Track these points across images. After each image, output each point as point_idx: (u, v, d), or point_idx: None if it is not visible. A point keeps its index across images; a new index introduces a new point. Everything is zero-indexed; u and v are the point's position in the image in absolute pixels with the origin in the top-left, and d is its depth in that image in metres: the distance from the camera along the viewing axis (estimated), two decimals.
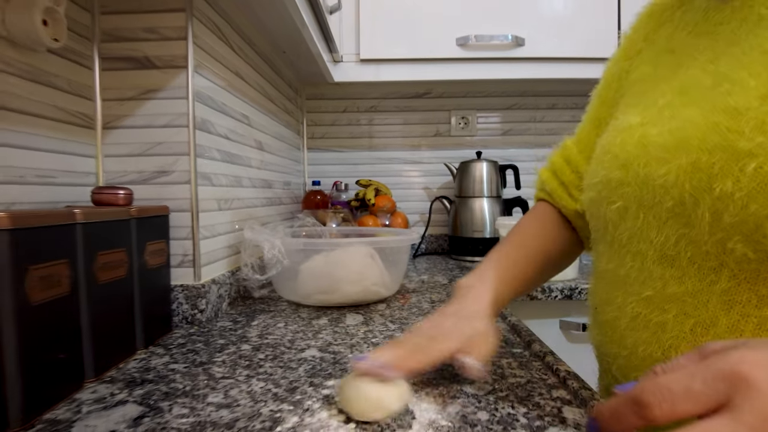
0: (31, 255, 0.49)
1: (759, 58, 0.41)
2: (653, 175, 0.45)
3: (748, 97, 0.40)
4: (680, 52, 0.52)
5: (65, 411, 0.51)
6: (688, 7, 0.55)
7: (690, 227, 0.43)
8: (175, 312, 0.81)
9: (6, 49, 0.62)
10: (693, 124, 0.43)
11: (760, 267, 0.39)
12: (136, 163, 0.82)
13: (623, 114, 0.55)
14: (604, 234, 0.54)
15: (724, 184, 0.39)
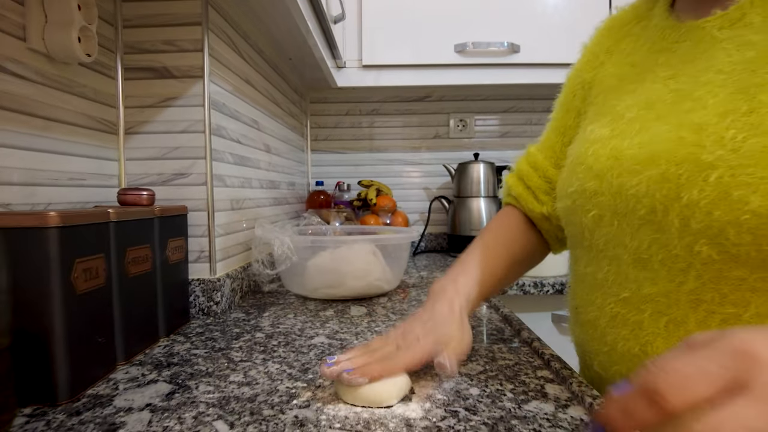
0: (76, 249, 0.55)
1: (715, 79, 0.47)
2: (626, 185, 0.50)
3: (708, 114, 0.45)
4: (641, 67, 0.57)
5: (104, 388, 0.57)
6: (646, 23, 0.61)
7: (661, 232, 0.47)
8: (192, 304, 0.88)
9: (44, 64, 0.69)
10: (661, 138, 0.48)
11: (723, 267, 0.43)
12: (156, 166, 0.88)
13: (592, 124, 0.59)
14: (581, 240, 0.58)
15: (691, 193, 0.43)
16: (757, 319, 0.42)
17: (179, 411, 0.51)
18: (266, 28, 1.16)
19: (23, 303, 0.51)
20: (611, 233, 0.53)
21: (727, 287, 0.43)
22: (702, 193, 0.43)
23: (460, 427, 0.46)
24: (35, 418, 0.50)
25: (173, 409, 0.51)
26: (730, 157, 0.41)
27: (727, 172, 0.41)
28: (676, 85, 0.50)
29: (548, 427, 0.46)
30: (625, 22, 0.65)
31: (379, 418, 0.48)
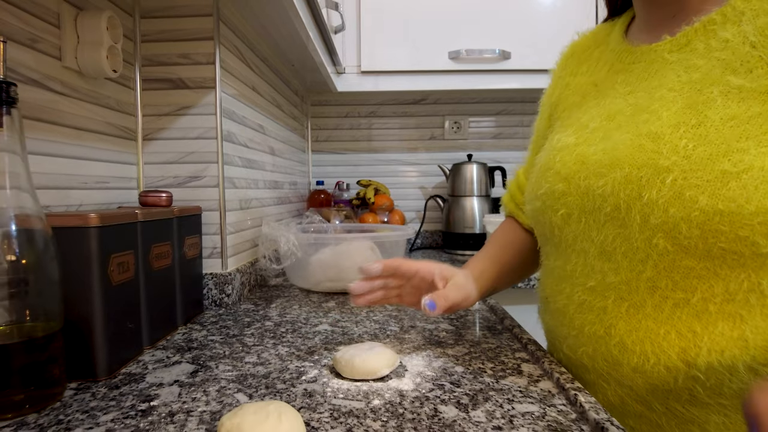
0: (111, 245, 0.63)
1: (667, 95, 0.55)
2: (593, 186, 0.57)
3: (663, 125, 0.52)
4: (602, 85, 0.65)
5: (136, 367, 0.65)
6: (604, 48, 0.69)
7: (623, 227, 0.53)
8: (206, 296, 0.96)
9: (76, 79, 0.76)
10: (623, 145, 0.55)
11: (675, 258, 0.50)
12: (172, 170, 0.96)
13: (557, 134, 0.67)
14: (551, 237, 0.66)
15: (650, 192, 0.50)
16: (702, 303, 0.49)
17: (204, 386, 0.59)
18: (271, 38, 1.24)
19: (69, 293, 0.59)
20: (579, 229, 0.60)
21: (678, 275, 0.50)
22: (659, 193, 0.49)
23: (445, 397, 0.54)
24: (81, 391, 0.58)
25: (198, 384, 0.59)
26: (683, 163, 0.48)
27: (681, 176, 0.48)
28: (634, 100, 0.58)
29: (520, 397, 0.55)
30: (586, 47, 0.73)
31: (376, 390, 0.56)
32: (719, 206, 0.46)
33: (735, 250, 0.46)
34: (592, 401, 0.51)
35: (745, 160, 0.45)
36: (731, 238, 0.46)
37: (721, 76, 0.50)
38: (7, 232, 0.52)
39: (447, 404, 0.53)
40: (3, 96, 0.52)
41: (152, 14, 0.94)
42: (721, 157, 0.46)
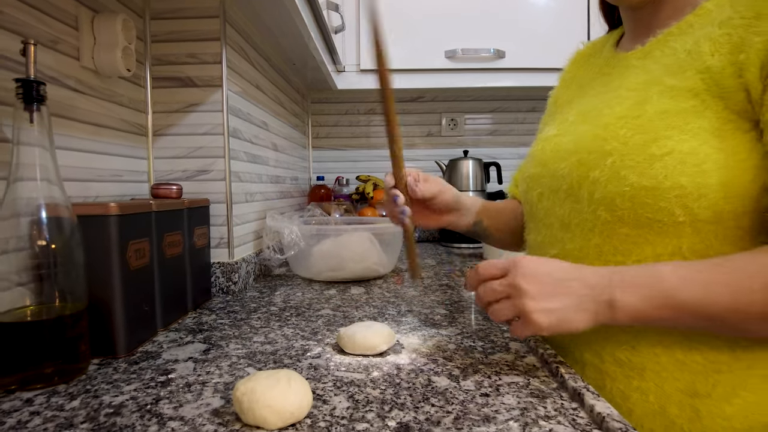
0: (129, 233, 0.68)
1: (623, 93, 0.64)
2: (558, 168, 0.67)
3: (612, 117, 0.61)
4: (588, 86, 0.75)
5: (152, 346, 0.70)
6: (598, 55, 0.78)
7: (577, 202, 0.63)
8: (213, 284, 1.01)
9: (93, 78, 0.81)
10: (583, 135, 0.65)
11: (614, 227, 0.59)
12: (181, 164, 1.01)
13: (547, 127, 0.77)
14: (531, 213, 0.75)
15: (594, 173, 0.60)
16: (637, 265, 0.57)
17: (216, 362, 0.64)
18: (274, 38, 1.28)
19: (92, 276, 0.63)
20: (548, 206, 0.70)
21: (617, 241, 0.59)
22: (602, 172, 0.59)
23: (439, 369, 0.59)
24: (103, 366, 0.63)
25: (211, 360, 0.65)
26: (621, 148, 0.58)
27: (618, 159, 0.57)
28: (603, 98, 0.67)
29: (507, 370, 0.60)
30: (586, 55, 0.83)
31: (375, 364, 0.61)
32: (644, 183, 0.55)
33: (659, 219, 0.55)
34: (572, 372, 0.56)
35: (669, 145, 0.54)
36: (655, 209, 0.55)
37: (662, 77, 0.59)
38: (38, 220, 0.57)
39: (440, 375, 0.58)
40: (33, 94, 0.57)
41: (162, 16, 0.99)
42: (651, 143, 0.55)
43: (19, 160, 0.56)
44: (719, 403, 0.54)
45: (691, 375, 0.56)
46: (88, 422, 0.47)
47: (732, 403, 0.54)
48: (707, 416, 0.54)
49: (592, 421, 0.47)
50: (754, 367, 0.54)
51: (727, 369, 0.54)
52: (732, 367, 0.54)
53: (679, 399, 0.56)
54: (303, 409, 0.47)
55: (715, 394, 0.55)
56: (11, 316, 0.56)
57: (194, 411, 0.50)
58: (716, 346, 0.55)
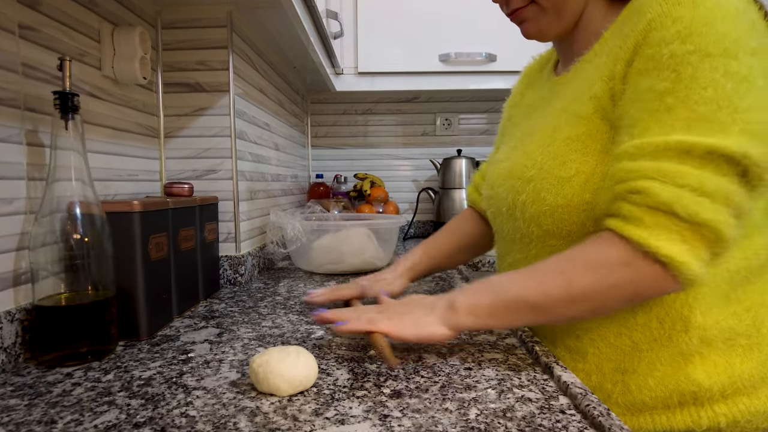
0: (150, 228, 0.76)
1: (542, 121, 0.71)
2: (499, 192, 0.75)
3: (533, 145, 0.69)
4: (531, 107, 0.81)
5: (169, 331, 0.78)
6: (542, 73, 0.84)
7: (515, 221, 0.71)
8: (221, 276, 1.08)
9: (112, 86, 0.88)
10: (516, 161, 0.72)
11: (545, 239, 0.67)
12: (191, 164, 1.08)
13: (499, 149, 0.84)
14: (493, 228, 0.83)
15: (522, 196, 0.68)
16: None
17: (230, 343, 0.71)
18: (276, 44, 1.36)
19: (118, 266, 0.71)
20: (499, 223, 0.78)
21: (549, 250, 0.66)
22: (527, 196, 0.67)
23: (429, 348, 0.67)
24: (129, 347, 0.70)
25: (225, 342, 0.72)
26: (539, 174, 0.66)
27: (539, 183, 0.65)
28: (535, 124, 0.74)
29: (489, 348, 0.67)
30: (534, 70, 0.89)
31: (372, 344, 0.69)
32: (559, 202, 0.63)
33: (575, 230, 0.63)
34: (546, 350, 0.64)
35: (573, 167, 0.61)
36: (570, 222, 0.63)
37: (569, 105, 0.66)
38: (73, 216, 0.64)
39: (429, 353, 0.65)
40: (69, 104, 0.64)
41: (173, 25, 1.06)
42: (560, 167, 0.63)
43: (56, 163, 0.64)
44: (644, 378, 0.63)
45: (622, 355, 0.64)
46: (124, 391, 0.55)
47: (653, 376, 0.62)
48: (635, 389, 0.63)
49: (558, 389, 0.55)
50: (668, 346, 0.62)
51: (648, 348, 0.63)
52: (652, 347, 0.62)
53: (613, 376, 0.65)
54: (310, 378, 0.54)
55: (639, 369, 0.63)
56: (50, 301, 0.64)
57: (214, 383, 0.57)
58: (639, 330, 0.63)
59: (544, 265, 0.58)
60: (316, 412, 0.49)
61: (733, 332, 0.61)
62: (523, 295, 0.57)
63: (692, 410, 0.61)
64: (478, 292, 0.61)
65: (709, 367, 0.61)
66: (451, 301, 0.61)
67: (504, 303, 0.59)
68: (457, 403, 0.51)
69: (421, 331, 0.61)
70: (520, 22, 0.72)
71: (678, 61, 0.52)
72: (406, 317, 0.63)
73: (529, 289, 0.57)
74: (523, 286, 0.58)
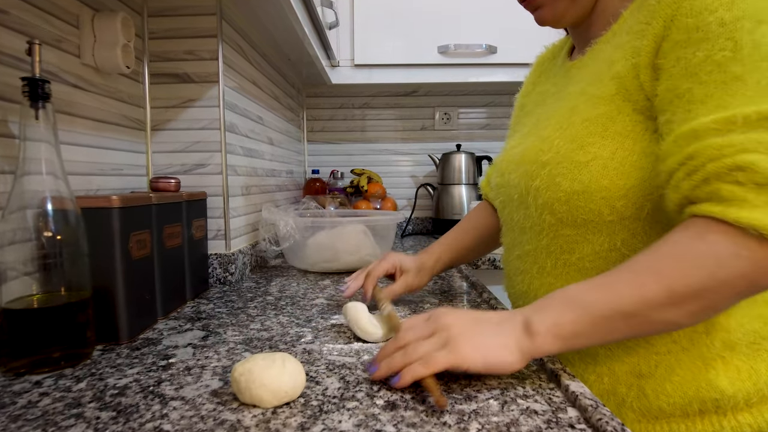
0: (131, 225, 0.71)
1: (559, 104, 0.68)
2: (511, 178, 0.72)
3: (549, 129, 0.66)
4: (544, 95, 0.78)
5: (152, 333, 0.74)
6: (555, 61, 0.81)
7: (526, 208, 0.68)
8: (211, 274, 1.04)
9: (94, 76, 0.84)
10: (529, 146, 0.69)
11: (558, 228, 0.64)
12: (179, 158, 1.04)
13: (511, 137, 0.81)
14: (501, 218, 0.80)
15: (536, 181, 0.65)
16: (580, 261, 0.63)
17: (214, 347, 0.67)
18: (269, 34, 1.31)
19: (96, 266, 0.66)
20: (508, 212, 0.75)
21: (562, 241, 0.64)
22: (541, 181, 0.64)
23: None
24: (107, 351, 0.66)
25: (209, 346, 0.68)
26: (555, 158, 0.62)
27: (554, 168, 0.62)
28: (549, 109, 0.71)
29: None
30: (546, 59, 0.85)
31: (366, 348, 0.65)
32: (575, 187, 0.60)
33: (591, 219, 0.59)
34: (551, 356, 0.60)
35: (592, 151, 0.58)
36: (587, 210, 0.59)
37: (586, 87, 0.63)
38: (44, 212, 0.60)
39: None
40: (39, 92, 0.59)
41: (160, 13, 1.01)
42: (577, 150, 0.60)
43: (25, 155, 0.59)
44: (661, 382, 0.59)
45: (637, 358, 0.60)
46: (95, 402, 0.50)
47: (671, 381, 0.58)
48: (652, 394, 0.59)
49: (566, 399, 0.50)
50: (688, 349, 0.58)
51: (665, 351, 0.59)
52: (670, 349, 0.59)
53: (627, 379, 0.61)
54: (297, 388, 0.50)
55: (656, 374, 0.59)
56: (21, 303, 0.59)
57: (194, 392, 0.53)
58: None
59: (633, 266, 0.50)
60: (302, 426, 0.45)
61: (758, 336, 0.57)
62: (615, 304, 0.48)
63: (714, 419, 0.57)
64: (556, 308, 0.51)
65: (733, 373, 0.57)
66: (525, 321, 0.51)
67: (592, 317, 0.49)
68: (457, 416, 0.47)
69: (490, 359, 0.50)
70: (534, 9, 0.69)
71: (731, 29, 0.49)
72: (470, 340, 0.52)
73: (621, 297, 0.48)
74: (612, 294, 0.49)
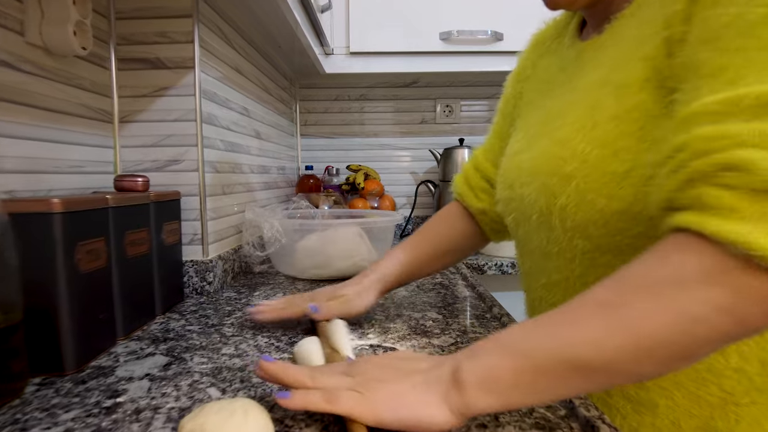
0: (79, 232, 0.60)
1: (575, 97, 0.54)
2: (524, 194, 0.59)
3: (569, 129, 0.52)
4: (550, 83, 0.64)
5: (106, 360, 0.62)
6: (560, 40, 0.66)
7: (551, 231, 0.55)
8: (186, 284, 0.93)
9: (41, 57, 0.72)
10: (541, 153, 0.56)
11: (594, 255, 0.51)
12: (150, 153, 0.92)
13: (513, 137, 0.67)
14: (514, 238, 0.68)
15: (561, 199, 0.52)
16: None
17: (176, 380, 0.56)
18: (255, 17, 1.19)
19: (33, 282, 0.55)
20: (524, 232, 0.62)
21: (601, 271, 0.51)
22: (568, 198, 0.51)
23: None
24: (45, 386, 0.55)
25: (170, 378, 0.57)
26: (582, 167, 0.49)
27: (582, 181, 0.49)
28: (561, 102, 0.58)
29: None
30: (547, 37, 0.71)
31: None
32: (614, 206, 0.46)
33: (639, 245, 0.46)
34: (583, 397, 0.49)
35: (629, 158, 0.45)
36: (632, 234, 0.46)
37: (610, 74, 0.50)
38: None
39: None
40: None
41: None
42: (610, 158, 0.47)
43: None
44: None
45: (709, 410, 0.48)
46: None
47: None
48: None
49: None
50: None
51: (748, 401, 0.47)
52: (754, 399, 0.47)
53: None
54: None
55: (738, 430, 0.47)
56: None
57: None
58: (733, 376, 0.47)
59: (587, 301, 0.38)
60: None
61: None
62: (564, 353, 0.37)
63: None
64: (492, 352, 0.40)
65: None
66: (454, 370, 0.40)
67: (535, 367, 0.37)
68: None
69: (405, 413, 0.40)
70: None
71: None
72: (385, 389, 0.41)
73: (571, 343, 0.37)
74: (560, 339, 0.38)
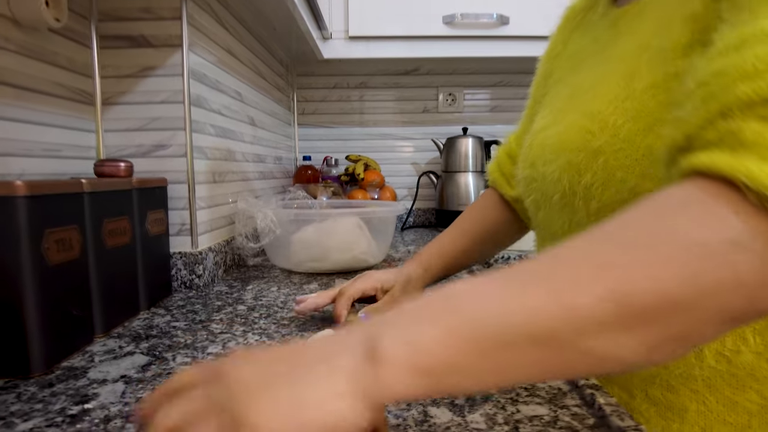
0: (47, 220, 0.54)
1: (609, 67, 0.49)
2: (547, 172, 0.53)
3: (600, 102, 0.47)
4: (581, 56, 0.58)
5: (80, 360, 0.57)
6: (594, 10, 0.60)
7: (574, 213, 0.50)
8: (174, 277, 0.87)
9: (10, 29, 0.66)
10: (569, 127, 0.50)
11: None
12: (135, 138, 0.86)
13: (539, 114, 0.62)
14: (533, 221, 0.62)
15: (587, 177, 0.46)
16: None
17: (154, 382, 0.50)
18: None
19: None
20: (545, 215, 0.56)
21: None
22: (594, 177, 0.46)
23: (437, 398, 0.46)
24: (6, 390, 0.49)
25: (148, 380, 0.51)
26: (612, 142, 0.44)
27: (611, 156, 0.44)
28: (593, 74, 0.52)
29: (526, 396, 0.46)
30: (578, 11, 0.65)
31: None
32: (648, 186, 0.41)
33: None
34: (614, 403, 0.43)
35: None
36: None
37: (650, 39, 0.45)
38: None
39: (439, 406, 0.44)
40: None
41: None
42: (646, 131, 0.41)
43: None
44: None
45: (747, 417, 0.43)
46: None
47: None
48: None
49: None
50: None
51: None
52: None
53: None
54: None
55: None
56: None
57: None
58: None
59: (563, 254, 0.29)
60: None
61: None
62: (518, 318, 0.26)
63: None
64: (423, 318, 0.28)
65: None
66: (369, 342, 0.27)
67: (477, 339, 0.26)
68: None
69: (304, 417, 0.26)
70: None
71: None
72: (267, 395, 0.27)
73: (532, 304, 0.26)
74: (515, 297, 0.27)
